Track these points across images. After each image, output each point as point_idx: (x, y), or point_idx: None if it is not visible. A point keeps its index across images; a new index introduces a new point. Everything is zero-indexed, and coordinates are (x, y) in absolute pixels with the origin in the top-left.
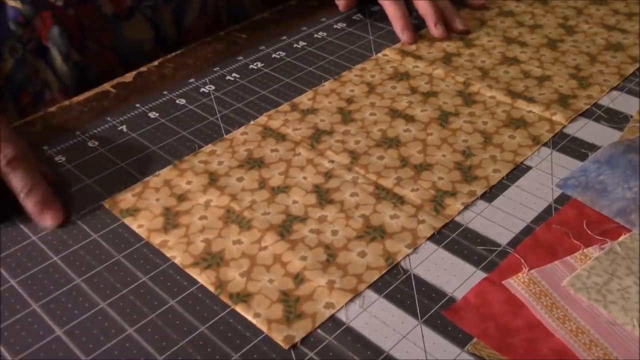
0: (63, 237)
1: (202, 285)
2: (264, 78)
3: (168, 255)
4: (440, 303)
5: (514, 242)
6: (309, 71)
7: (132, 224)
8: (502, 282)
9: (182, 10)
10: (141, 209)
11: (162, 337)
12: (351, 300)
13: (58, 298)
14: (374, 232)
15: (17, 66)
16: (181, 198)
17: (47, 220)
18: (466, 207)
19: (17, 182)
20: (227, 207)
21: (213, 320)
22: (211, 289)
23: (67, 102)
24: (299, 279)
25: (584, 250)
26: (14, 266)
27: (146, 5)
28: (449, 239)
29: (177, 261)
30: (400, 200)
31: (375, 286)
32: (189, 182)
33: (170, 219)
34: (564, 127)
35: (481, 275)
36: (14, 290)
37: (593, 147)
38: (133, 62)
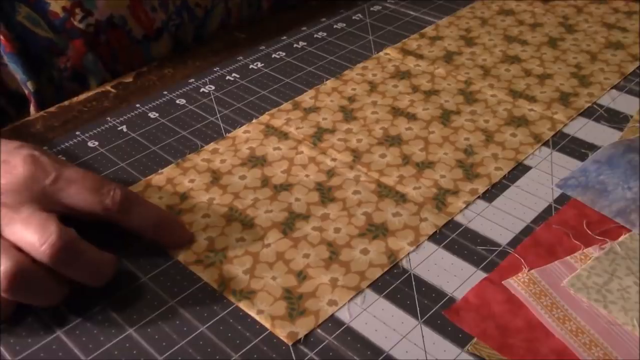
0: None
1: (202, 285)
2: (264, 78)
3: (171, 253)
4: (440, 303)
5: (514, 242)
6: (309, 71)
7: None
8: (502, 282)
9: (205, 25)
10: None
11: (162, 337)
12: (352, 299)
13: None
14: (377, 230)
15: (58, 94)
16: (184, 196)
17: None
18: (467, 206)
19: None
20: (230, 205)
21: (213, 320)
22: (214, 286)
23: (67, 102)
24: (301, 276)
25: (584, 250)
26: None
27: (173, 24)
28: (449, 239)
29: (180, 259)
30: (402, 198)
31: (376, 286)
32: (191, 181)
33: None
34: (566, 125)
35: (481, 275)
36: None
37: (593, 147)
38: None
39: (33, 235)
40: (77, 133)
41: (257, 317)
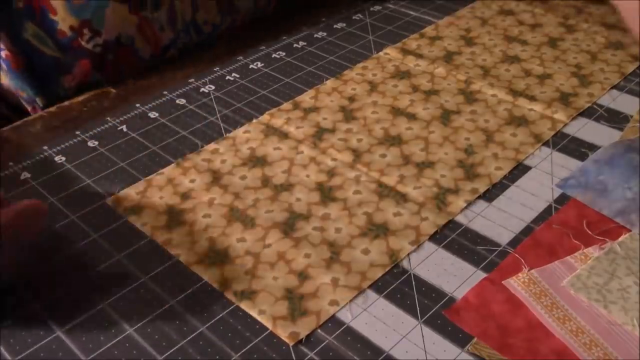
0: (63, 236)
1: (202, 285)
2: (264, 78)
3: (173, 253)
4: (440, 303)
5: (514, 242)
6: (309, 71)
7: (136, 222)
8: (502, 282)
9: (212, 42)
10: (145, 207)
11: (162, 337)
12: (353, 299)
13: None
14: (377, 230)
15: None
16: (185, 196)
17: None
18: (467, 205)
19: None
20: (231, 205)
21: (213, 320)
22: (216, 286)
23: (67, 103)
24: (303, 276)
25: (584, 250)
26: None
27: (182, 42)
28: (449, 239)
29: (181, 259)
30: (403, 198)
31: (376, 286)
32: (192, 181)
33: (174, 217)
34: (566, 125)
35: (481, 275)
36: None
37: (593, 147)
38: None
39: None
40: (77, 133)
41: (258, 318)
